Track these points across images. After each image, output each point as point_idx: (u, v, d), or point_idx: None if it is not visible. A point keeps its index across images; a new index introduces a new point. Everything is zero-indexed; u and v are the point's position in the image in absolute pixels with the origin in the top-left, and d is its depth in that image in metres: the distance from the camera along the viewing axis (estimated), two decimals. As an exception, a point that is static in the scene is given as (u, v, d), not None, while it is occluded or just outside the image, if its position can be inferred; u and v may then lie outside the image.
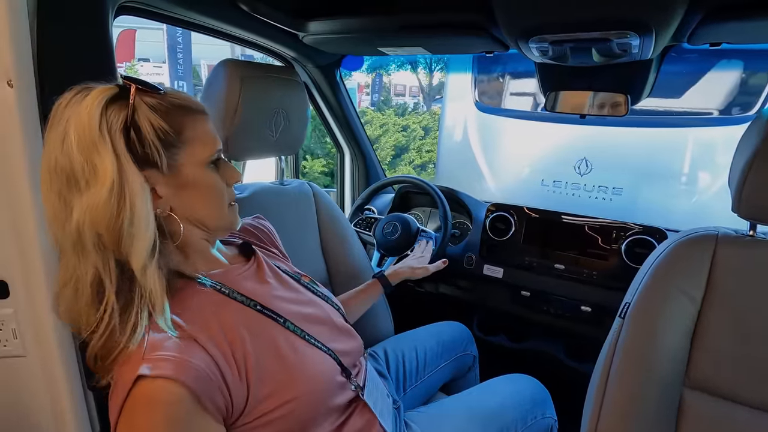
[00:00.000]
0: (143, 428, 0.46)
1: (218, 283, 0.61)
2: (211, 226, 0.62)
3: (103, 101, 0.50)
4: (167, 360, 0.48)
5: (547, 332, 1.34)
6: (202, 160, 0.58)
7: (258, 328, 0.60)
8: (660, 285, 0.71)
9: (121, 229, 0.49)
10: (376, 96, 9.99)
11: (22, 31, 0.65)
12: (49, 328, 0.78)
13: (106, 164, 0.48)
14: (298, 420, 0.59)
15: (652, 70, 1.01)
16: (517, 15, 0.80)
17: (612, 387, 0.72)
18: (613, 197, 2.35)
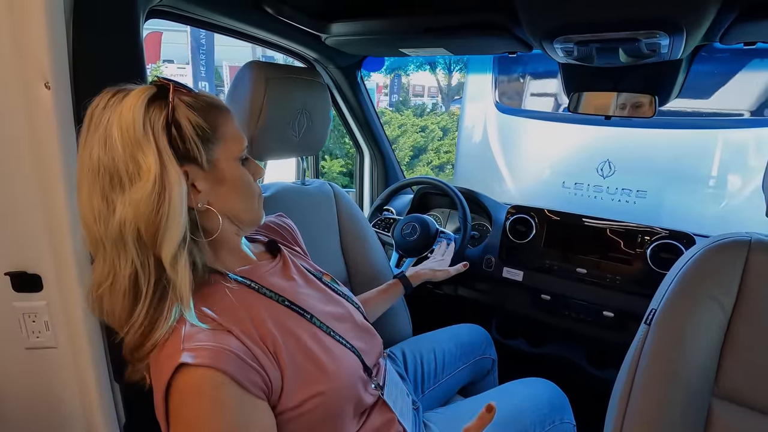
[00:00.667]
0: (196, 416, 0.49)
1: (247, 279, 0.63)
2: (245, 220, 0.64)
3: (145, 100, 0.52)
4: (206, 349, 0.50)
5: (567, 337, 1.32)
6: (235, 156, 0.61)
7: (286, 322, 0.62)
8: (688, 292, 0.69)
9: (158, 223, 0.51)
10: (395, 96, 10.00)
11: (59, 36, 0.67)
12: (79, 321, 0.81)
13: (149, 160, 0.50)
14: (325, 415, 0.60)
15: (682, 70, 0.98)
16: (542, 15, 0.79)
17: (636, 394, 0.70)
18: (637, 200, 2.30)
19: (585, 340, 1.28)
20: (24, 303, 0.80)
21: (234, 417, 0.50)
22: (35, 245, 0.77)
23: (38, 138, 0.70)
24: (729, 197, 2.16)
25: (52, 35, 0.66)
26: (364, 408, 0.69)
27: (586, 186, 2.45)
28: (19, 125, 0.70)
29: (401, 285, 1.04)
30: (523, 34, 0.91)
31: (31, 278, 0.79)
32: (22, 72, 0.67)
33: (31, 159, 0.72)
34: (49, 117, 0.68)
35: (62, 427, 0.88)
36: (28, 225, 0.75)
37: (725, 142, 2.18)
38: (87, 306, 0.79)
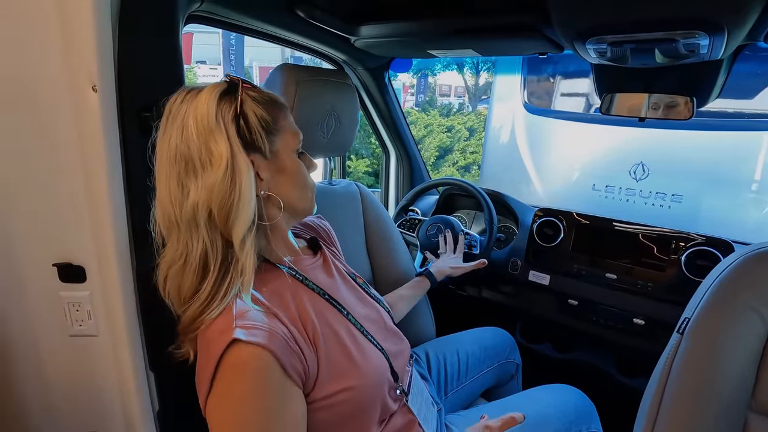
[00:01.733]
0: (239, 390, 0.52)
1: (293, 269, 0.67)
2: (299, 209, 0.68)
3: (218, 94, 0.57)
4: (257, 328, 0.53)
5: (595, 343, 1.29)
6: (293, 148, 0.65)
7: (326, 315, 0.65)
8: (726, 301, 0.66)
9: (230, 206, 0.55)
10: (421, 96, 9.96)
11: (106, 41, 0.71)
12: (119, 311, 0.85)
13: (221, 148, 0.55)
14: (353, 410, 0.62)
15: (722, 71, 0.94)
16: (575, 15, 0.78)
17: (667, 405, 0.68)
18: (672, 204, 2.22)
19: (614, 348, 1.25)
20: (69, 293, 0.85)
21: (272, 400, 0.53)
22: (80, 238, 0.81)
23: (85, 138, 0.74)
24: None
25: (99, 41, 0.70)
26: (388, 413, 0.70)
27: (618, 189, 2.38)
28: (67, 126, 0.74)
29: (428, 280, 1.07)
30: (555, 34, 0.89)
31: (76, 269, 0.84)
32: (71, 76, 0.72)
33: (78, 158, 0.76)
34: (95, 118, 0.72)
35: (101, 413, 0.93)
36: (75, 220, 0.80)
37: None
38: (125, 296, 0.84)
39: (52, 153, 0.76)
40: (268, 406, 0.52)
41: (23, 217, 0.80)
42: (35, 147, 0.76)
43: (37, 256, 0.82)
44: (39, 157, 0.76)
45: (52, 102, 0.73)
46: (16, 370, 0.89)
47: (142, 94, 0.78)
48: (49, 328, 0.87)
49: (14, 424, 0.94)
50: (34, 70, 0.72)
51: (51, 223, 0.80)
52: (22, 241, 0.81)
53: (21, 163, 0.76)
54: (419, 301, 1.14)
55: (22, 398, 0.92)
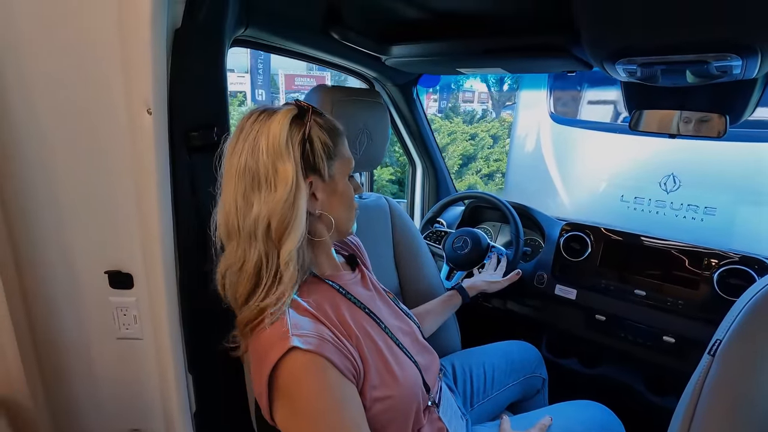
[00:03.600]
0: (307, 392, 0.57)
1: (336, 283, 0.71)
2: (343, 229, 0.73)
3: (290, 119, 0.62)
4: (312, 337, 0.58)
5: (623, 360, 1.27)
6: (346, 173, 0.70)
7: (366, 327, 0.69)
8: (759, 324, 0.66)
9: (288, 223, 0.60)
10: (444, 103, 9.94)
11: (161, 65, 0.77)
12: (162, 316, 0.90)
13: (288, 169, 0.60)
14: (390, 418, 0.66)
15: (757, 89, 0.93)
16: (605, 37, 0.79)
17: (698, 427, 0.68)
18: (705, 217, 2.16)
19: (642, 365, 1.23)
20: (118, 298, 0.91)
21: (338, 394, 0.58)
22: (130, 248, 0.87)
23: (138, 158, 0.80)
24: (812, 218, 1.97)
25: (155, 66, 0.76)
26: (419, 425, 0.73)
27: (648, 201, 2.33)
28: (123, 146, 0.80)
29: (459, 296, 1.09)
30: (584, 54, 0.91)
31: (125, 276, 0.89)
32: (128, 99, 0.77)
33: (131, 175, 0.82)
34: (148, 139, 0.78)
35: (143, 412, 0.98)
36: (125, 230, 0.86)
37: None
38: (169, 303, 0.89)
39: (108, 171, 0.82)
40: (337, 401, 0.57)
41: (80, 227, 0.86)
42: (93, 165, 0.82)
43: (91, 263, 0.88)
44: (96, 174, 0.82)
45: (111, 124, 0.79)
46: (68, 367, 0.96)
47: (189, 116, 0.84)
48: (99, 330, 0.93)
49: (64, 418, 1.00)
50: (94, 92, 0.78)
51: (104, 234, 0.86)
52: (78, 250, 0.88)
53: (80, 179, 0.83)
54: (445, 311, 1.16)
55: (73, 394, 0.98)
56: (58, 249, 0.88)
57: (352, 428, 0.58)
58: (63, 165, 0.82)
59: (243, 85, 8.69)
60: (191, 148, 0.85)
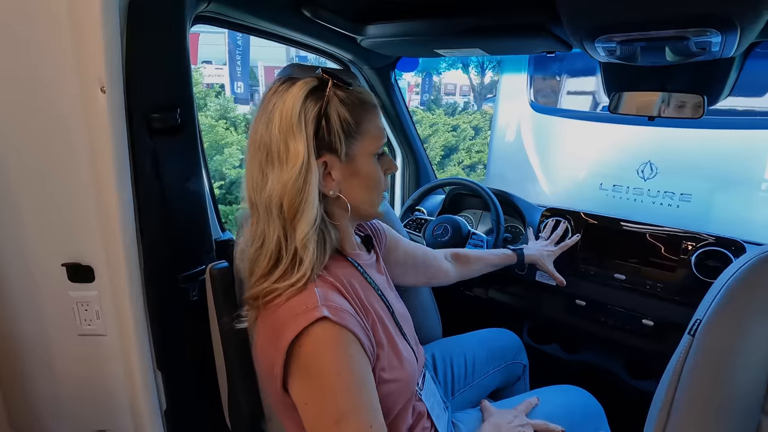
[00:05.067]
0: (332, 362, 0.55)
1: (356, 261, 0.70)
2: (364, 212, 0.68)
3: (305, 93, 0.58)
4: (344, 311, 0.58)
5: (603, 345, 1.28)
6: (372, 152, 0.65)
7: (379, 309, 0.68)
8: (738, 303, 0.65)
9: (299, 204, 0.58)
10: (426, 95, 9.94)
11: (114, 43, 0.71)
12: (127, 311, 0.86)
13: (299, 147, 0.57)
14: (394, 402, 0.66)
15: (734, 69, 0.93)
16: (584, 14, 0.77)
17: (678, 408, 0.67)
18: (681, 204, 2.19)
19: (623, 349, 1.24)
20: (78, 292, 0.86)
21: (362, 372, 0.57)
22: (89, 239, 0.82)
23: (93, 140, 0.75)
24: (784, 202, 2.02)
25: (108, 43, 0.70)
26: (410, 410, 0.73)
27: (626, 188, 2.36)
28: (77, 128, 0.75)
29: (516, 259, 1.13)
30: (563, 33, 0.89)
31: (85, 269, 0.84)
32: (80, 77, 0.72)
33: (87, 160, 0.76)
34: (103, 119, 0.73)
35: (110, 411, 0.94)
36: (83, 220, 0.81)
37: (783, 143, 2.04)
38: (133, 297, 0.85)
39: (61, 154, 0.76)
40: (358, 375, 0.57)
41: (34, 217, 0.81)
42: (45, 148, 0.76)
43: (47, 256, 0.83)
44: (49, 157, 0.77)
45: (62, 103, 0.73)
46: (28, 367, 0.91)
47: (150, 96, 0.79)
48: (59, 327, 0.88)
49: (23, 419, 0.95)
50: (44, 71, 0.72)
51: (60, 224, 0.81)
52: (32, 241, 0.82)
53: (31, 163, 0.77)
54: (426, 300, 1.14)
55: (34, 395, 0.93)
56: (10, 241, 0.82)
57: (371, 410, 0.57)
58: (12, 150, 0.76)
59: (221, 78, 8.49)
60: (153, 130, 0.80)
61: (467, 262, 1.08)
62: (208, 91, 4.57)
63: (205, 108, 4.18)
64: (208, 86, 5.61)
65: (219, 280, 0.83)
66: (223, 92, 4.99)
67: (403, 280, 0.95)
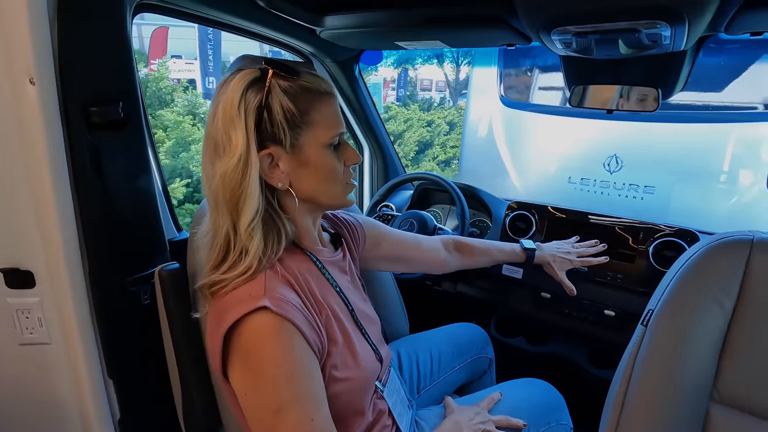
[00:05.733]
0: (272, 353, 0.55)
1: (314, 256, 0.69)
2: (323, 203, 0.68)
3: (246, 83, 0.57)
4: (286, 302, 0.57)
5: (568, 336, 1.29)
6: (324, 142, 0.63)
7: (335, 306, 0.67)
8: (687, 292, 0.66)
9: (239, 196, 0.58)
10: (402, 90, 9.94)
11: (43, 32, 0.66)
12: (71, 317, 0.81)
13: (238, 138, 0.56)
14: (347, 402, 0.65)
15: (686, 63, 0.94)
16: (538, 5, 0.77)
17: (632, 397, 0.68)
18: (645, 196, 2.25)
19: (586, 339, 1.26)
20: (17, 299, 0.80)
21: (303, 362, 0.57)
22: (27, 242, 0.77)
23: (25, 136, 0.70)
24: (740, 193, 2.10)
25: (35, 31, 0.66)
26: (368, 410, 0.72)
27: (593, 181, 2.41)
28: (6, 122, 0.69)
29: (524, 257, 1.08)
30: (521, 25, 0.88)
31: (24, 275, 0.79)
32: (6, 68, 0.67)
33: (21, 156, 0.71)
34: (34, 113, 0.68)
35: (59, 423, 0.89)
36: (20, 222, 0.76)
37: (738, 136, 2.12)
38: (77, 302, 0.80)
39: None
40: (301, 367, 0.56)
41: (-38, 220, 0.75)
42: (-29, 145, 0.71)
43: (-21, 261, 0.77)
44: (-24, 156, 0.71)
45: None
46: (-37, 381, 0.85)
47: (88, 88, 0.74)
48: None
49: (-37, 436, 0.89)
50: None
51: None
52: (-38, 246, 0.77)
53: (-45, 162, 0.71)
54: (392, 298, 1.12)
55: (-28, 410, 0.87)
56: (-64, 245, 0.76)
57: (313, 401, 0.57)
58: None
59: (192, 73, 8.24)
60: (93, 124, 0.75)
61: (471, 253, 1.05)
62: (175, 86, 4.43)
63: (172, 104, 4.05)
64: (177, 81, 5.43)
65: (169, 282, 0.80)
66: (191, 87, 4.84)
67: (391, 269, 0.96)
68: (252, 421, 0.57)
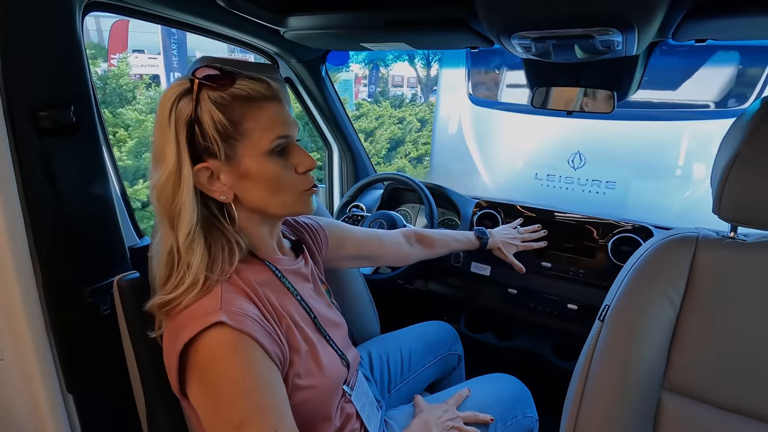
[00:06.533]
0: (229, 369, 0.54)
1: (273, 265, 0.67)
2: (272, 213, 0.66)
3: (175, 95, 0.56)
4: (242, 316, 0.56)
5: (534, 330, 1.34)
6: (263, 150, 0.60)
7: (296, 315, 0.66)
8: (640, 288, 0.70)
9: (174, 209, 0.57)
10: (374, 87, 9.91)
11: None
12: (24, 331, 0.77)
13: (170, 152, 0.56)
14: (312, 409, 0.65)
15: (639, 66, 0.99)
16: (498, 11, 0.78)
17: (590, 389, 0.72)
18: (607, 191, 2.34)
19: (551, 333, 1.30)
20: (-38, 314, 0.76)
21: (263, 377, 0.56)
22: (-29, 255, 0.73)
23: (-34, 142, 0.66)
24: (694, 188, 2.22)
25: (-26, 32, 0.62)
26: (336, 416, 0.72)
27: (558, 177, 2.48)
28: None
29: (479, 244, 1.16)
30: (483, 29, 0.90)
31: (-31, 289, 0.75)
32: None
33: (-39, 164, 0.67)
34: (-25, 119, 0.64)
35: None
36: (-37, 233, 0.71)
37: (691, 133, 2.23)
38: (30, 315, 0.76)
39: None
40: (261, 381, 0.55)
41: None
42: None
43: None
44: None
45: None
46: None
47: (35, 92, 0.70)
48: (-60, 355, 0.77)
49: None
50: None
51: (-68, 239, 0.71)
52: None
53: None
54: (363, 299, 1.13)
55: None
56: None
57: (276, 413, 0.55)
58: None
59: (156, 68, 7.92)
60: (42, 130, 0.72)
61: (431, 245, 1.09)
62: (137, 82, 4.27)
63: (134, 101, 3.89)
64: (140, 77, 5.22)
65: (128, 291, 0.77)
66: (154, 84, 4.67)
67: (356, 266, 0.98)
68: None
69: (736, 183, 0.63)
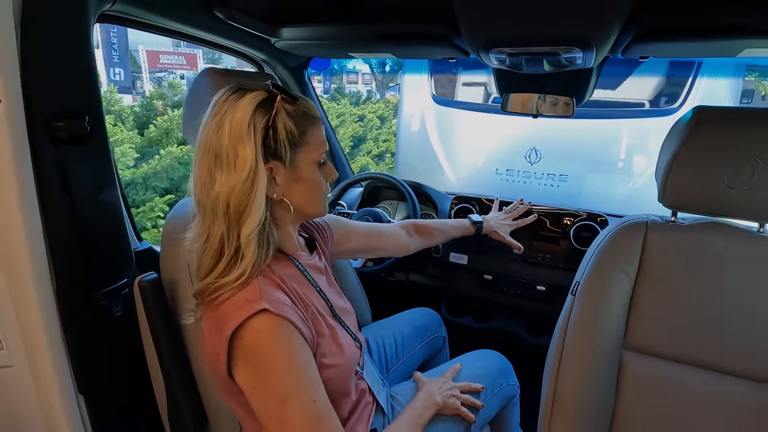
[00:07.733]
0: (274, 350, 0.61)
1: (297, 260, 0.75)
2: (308, 213, 0.75)
3: (255, 104, 0.63)
4: (281, 303, 0.64)
5: (509, 311, 1.48)
6: (314, 160, 0.71)
7: (317, 304, 0.74)
8: (604, 266, 0.83)
9: (246, 206, 0.63)
10: (328, 83, 9.87)
11: (9, 48, 0.65)
12: (38, 336, 0.79)
13: (247, 154, 0.61)
14: (334, 387, 0.72)
15: (593, 76, 1.14)
16: (479, 30, 0.89)
17: (567, 354, 0.84)
18: (560, 184, 2.52)
19: (523, 313, 1.45)
20: (-27, 324, 0.77)
21: (303, 357, 0.64)
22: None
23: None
24: (634, 179, 2.46)
25: (1, 49, 0.64)
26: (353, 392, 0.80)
27: (517, 172, 2.64)
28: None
29: (474, 231, 1.23)
30: (462, 43, 1.00)
31: (-18, 298, 0.76)
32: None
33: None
34: (2, 132, 0.66)
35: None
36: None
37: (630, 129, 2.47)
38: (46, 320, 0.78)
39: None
40: (301, 361, 0.63)
41: None
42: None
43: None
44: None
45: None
46: None
47: (52, 103, 0.73)
48: (-48, 364, 0.78)
49: None
50: None
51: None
52: None
53: None
54: (355, 290, 1.21)
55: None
56: None
57: (312, 388, 0.64)
58: None
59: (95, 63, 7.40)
60: (58, 139, 0.74)
61: (431, 235, 1.17)
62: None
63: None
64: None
65: (149, 291, 0.81)
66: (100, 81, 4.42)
67: (359, 257, 1.04)
68: (261, 412, 0.63)
69: (676, 177, 0.77)
